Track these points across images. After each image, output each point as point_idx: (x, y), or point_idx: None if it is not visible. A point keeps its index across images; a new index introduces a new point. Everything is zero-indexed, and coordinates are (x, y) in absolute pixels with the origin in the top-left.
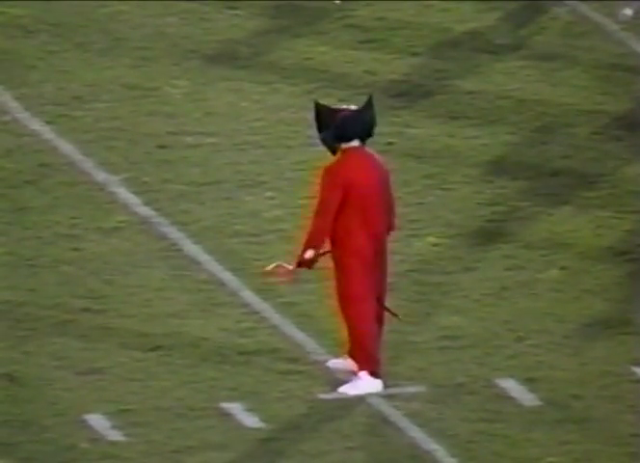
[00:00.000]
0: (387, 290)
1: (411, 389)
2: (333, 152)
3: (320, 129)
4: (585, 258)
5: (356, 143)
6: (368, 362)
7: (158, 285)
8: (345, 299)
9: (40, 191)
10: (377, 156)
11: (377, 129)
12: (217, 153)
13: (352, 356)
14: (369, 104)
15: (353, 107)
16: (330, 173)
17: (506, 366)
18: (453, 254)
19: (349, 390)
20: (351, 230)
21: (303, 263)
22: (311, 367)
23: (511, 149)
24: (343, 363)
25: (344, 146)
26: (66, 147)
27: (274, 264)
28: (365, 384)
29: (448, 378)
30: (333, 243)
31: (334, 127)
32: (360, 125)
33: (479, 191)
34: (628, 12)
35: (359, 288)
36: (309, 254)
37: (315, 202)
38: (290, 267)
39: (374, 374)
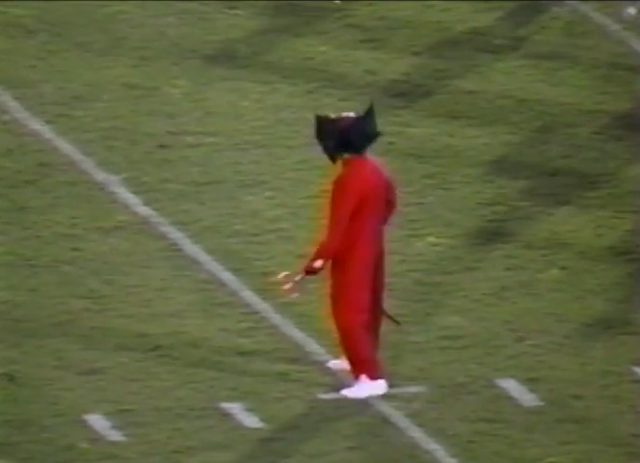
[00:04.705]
0: (385, 294)
1: (411, 389)
2: (334, 161)
3: (322, 140)
4: (585, 258)
5: (357, 151)
6: (364, 366)
7: (158, 285)
8: (341, 306)
9: (40, 191)
10: (378, 162)
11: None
12: (217, 153)
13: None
14: (370, 112)
15: (352, 114)
16: (341, 185)
17: (506, 366)
18: (453, 254)
19: (351, 393)
20: (358, 239)
21: (311, 272)
22: (311, 368)
23: (511, 149)
24: (343, 363)
25: (346, 155)
26: (66, 146)
27: (283, 274)
28: (366, 387)
29: (448, 378)
30: (339, 251)
31: (338, 136)
32: (363, 134)
33: (479, 191)
34: (632, 10)
35: (356, 297)
36: (319, 263)
37: (328, 214)
38: (297, 278)
39: (373, 377)
